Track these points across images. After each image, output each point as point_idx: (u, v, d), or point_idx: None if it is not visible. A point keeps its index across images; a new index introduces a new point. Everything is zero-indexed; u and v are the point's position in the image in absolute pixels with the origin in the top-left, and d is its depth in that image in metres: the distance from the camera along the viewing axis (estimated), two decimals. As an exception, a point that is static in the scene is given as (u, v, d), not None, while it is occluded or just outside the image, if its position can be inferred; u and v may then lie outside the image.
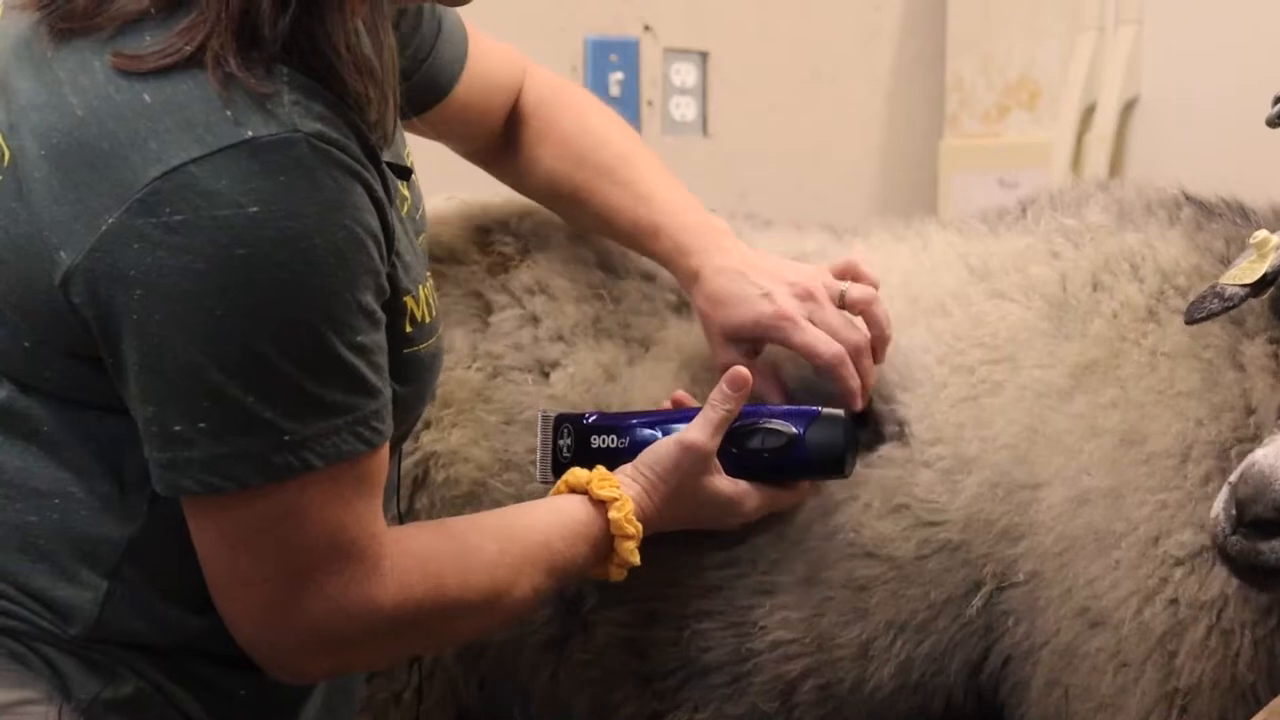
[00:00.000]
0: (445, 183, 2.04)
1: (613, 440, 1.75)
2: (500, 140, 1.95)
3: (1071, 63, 3.69)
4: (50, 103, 1.38)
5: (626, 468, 1.71)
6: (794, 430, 1.72)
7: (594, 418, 1.78)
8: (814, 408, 1.75)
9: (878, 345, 1.80)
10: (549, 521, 1.63)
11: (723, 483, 1.72)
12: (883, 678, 1.74)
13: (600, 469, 1.69)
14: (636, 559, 1.67)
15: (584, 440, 1.76)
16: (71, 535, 1.46)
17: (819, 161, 3.98)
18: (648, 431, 1.74)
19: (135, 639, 1.48)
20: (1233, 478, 1.46)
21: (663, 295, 1.93)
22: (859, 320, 1.81)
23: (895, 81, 4.10)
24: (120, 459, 1.45)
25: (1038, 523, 1.70)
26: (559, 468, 1.74)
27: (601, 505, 1.65)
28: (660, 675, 1.84)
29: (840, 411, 1.74)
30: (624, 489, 1.67)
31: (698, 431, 1.71)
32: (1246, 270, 1.62)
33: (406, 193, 1.61)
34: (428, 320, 1.55)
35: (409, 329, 1.51)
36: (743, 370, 1.73)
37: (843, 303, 1.81)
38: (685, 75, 3.88)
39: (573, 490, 1.67)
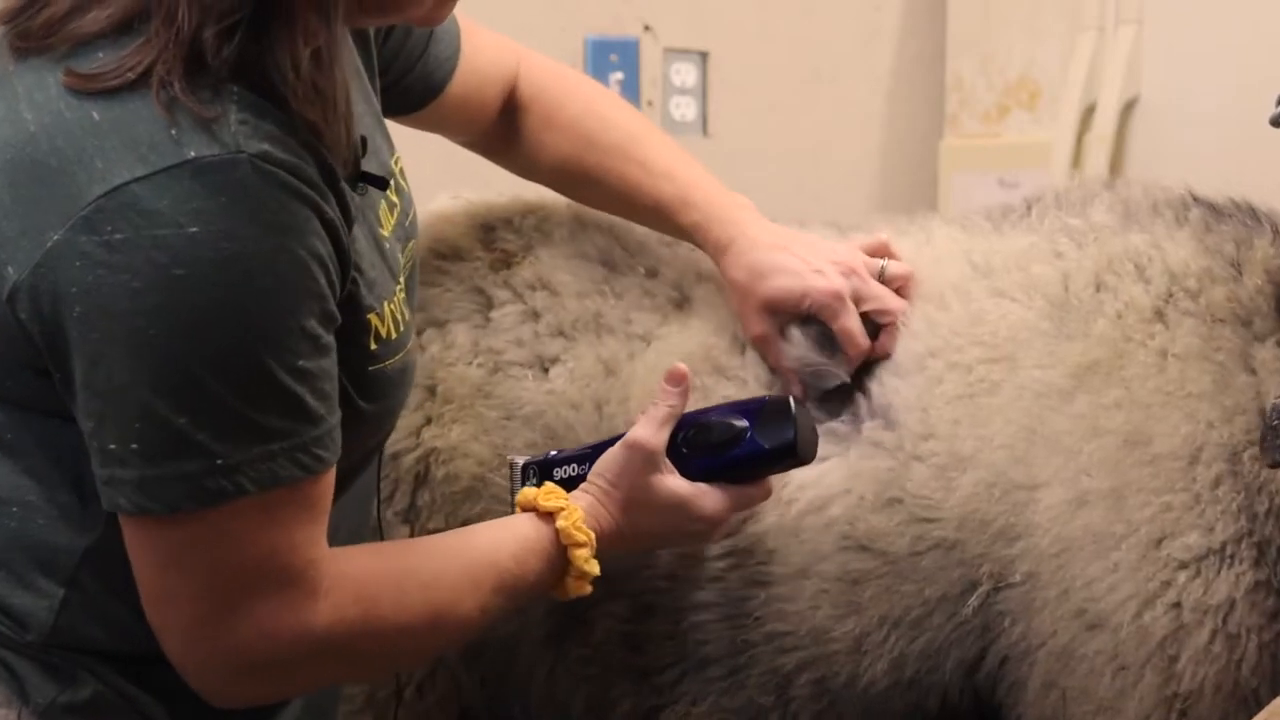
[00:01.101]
0: (448, 182, 2.04)
1: (574, 468, 1.72)
2: (501, 129, 1.94)
3: (1071, 63, 3.69)
4: (6, 117, 1.37)
5: (581, 484, 1.69)
6: (742, 423, 1.70)
7: (556, 453, 1.76)
8: (760, 397, 1.74)
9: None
10: (497, 539, 1.60)
11: (676, 482, 1.68)
12: (876, 673, 1.74)
13: (548, 484, 1.67)
14: (594, 568, 1.63)
15: (548, 474, 1.73)
16: (28, 543, 1.45)
17: (819, 161, 3.98)
18: (605, 451, 1.71)
19: (93, 645, 1.47)
20: None
21: (664, 291, 1.93)
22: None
23: (895, 81, 4.10)
24: (80, 468, 1.43)
25: (1035, 524, 1.69)
26: None
27: (550, 518, 1.63)
28: (657, 669, 1.83)
29: (787, 397, 1.72)
30: (574, 500, 1.65)
31: (640, 429, 1.68)
32: None
33: (395, 198, 1.59)
34: (394, 336, 1.53)
35: (374, 346, 1.50)
36: (681, 366, 1.71)
37: (883, 277, 1.84)
38: (685, 75, 3.88)
39: (524, 510, 1.65)
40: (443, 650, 1.65)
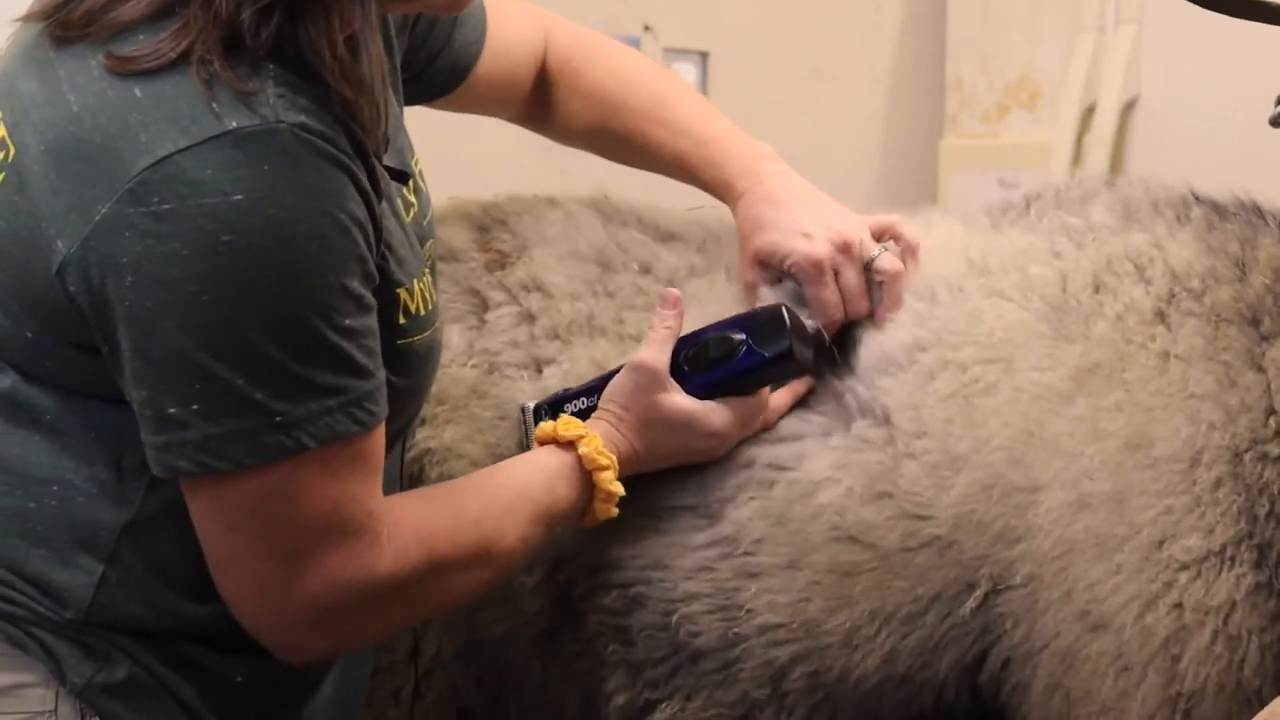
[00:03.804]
0: (448, 184, 2.04)
1: (583, 402, 1.79)
2: (535, 102, 1.98)
3: (1071, 63, 3.70)
4: (50, 100, 1.42)
5: (594, 413, 1.76)
6: (739, 335, 1.76)
7: (564, 391, 1.82)
8: (753, 310, 1.80)
9: (885, 313, 1.83)
10: (524, 472, 1.68)
11: (682, 399, 1.75)
12: (868, 668, 1.73)
13: (564, 416, 1.74)
14: (619, 489, 1.70)
15: (558, 411, 1.80)
16: (69, 521, 1.49)
17: (819, 161, 3.97)
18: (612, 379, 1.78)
19: (130, 623, 1.50)
20: None
21: (656, 290, 1.92)
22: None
23: (895, 81, 4.10)
24: (119, 446, 1.48)
25: (1035, 526, 1.68)
26: None
27: (570, 446, 1.69)
28: (650, 663, 1.83)
29: (779, 306, 1.78)
30: (590, 427, 1.72)
31: (643, 351, 1.76)
32: None
33: (413, 198, 1.63)
34: (423, 312, 1.57)
35: (402, 320, 1.54)
36: (673, 289, 1.79)
37: (870, 266, 1.84)
38: (685, 75, 3.88)
39: (543, 443, 1.72)
40: (490, 585, 1.70)
